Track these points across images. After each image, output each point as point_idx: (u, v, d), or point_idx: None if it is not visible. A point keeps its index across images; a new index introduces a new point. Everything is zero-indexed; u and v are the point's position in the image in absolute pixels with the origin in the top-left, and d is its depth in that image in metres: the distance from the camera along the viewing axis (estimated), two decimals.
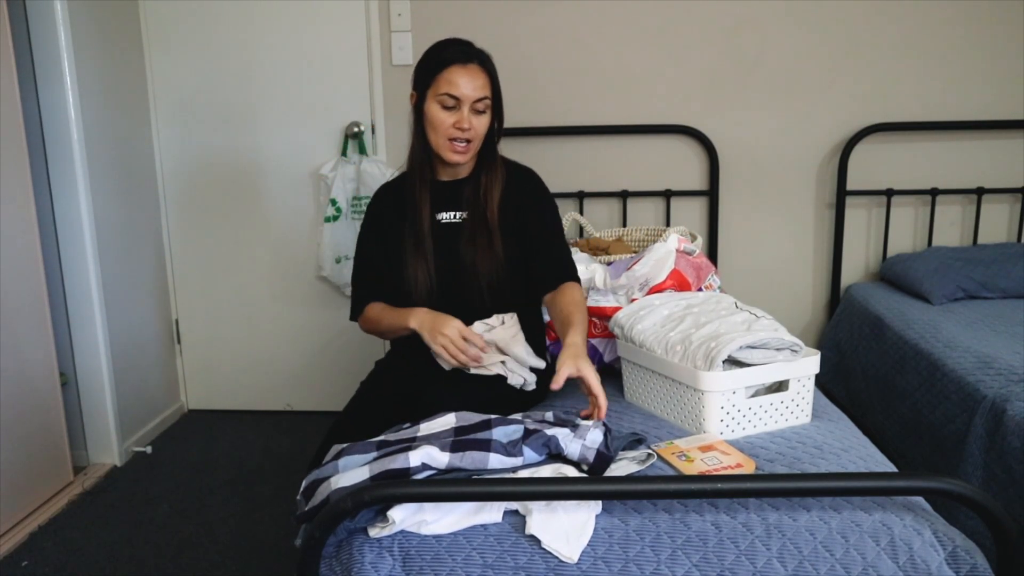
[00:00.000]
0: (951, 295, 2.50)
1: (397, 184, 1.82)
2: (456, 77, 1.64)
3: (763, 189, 2.86)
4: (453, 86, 1.64)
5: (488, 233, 1.71)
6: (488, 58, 1.70)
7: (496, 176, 1.75)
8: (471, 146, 1.69)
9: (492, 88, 1.69)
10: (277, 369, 3.09)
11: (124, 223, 2.74)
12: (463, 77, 1.64)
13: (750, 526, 1.14)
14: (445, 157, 1.70)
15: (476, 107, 1.66)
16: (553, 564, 1.11)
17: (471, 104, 1.65)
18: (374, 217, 1.82)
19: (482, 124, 1.69)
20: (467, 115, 1.65)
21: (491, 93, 1.69)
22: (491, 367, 1.65)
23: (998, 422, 1.77)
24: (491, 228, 1.72)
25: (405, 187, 1.78)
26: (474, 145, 1.70)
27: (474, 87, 1.65)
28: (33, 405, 2.33)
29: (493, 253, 1.71)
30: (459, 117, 1.65)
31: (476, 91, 1.65)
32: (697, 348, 1.48)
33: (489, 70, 1.69)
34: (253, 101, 2.88)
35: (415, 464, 1.15)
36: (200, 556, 2.09)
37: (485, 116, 1.69)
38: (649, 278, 1.88)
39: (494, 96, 1.70)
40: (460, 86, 1.64)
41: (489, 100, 1.68)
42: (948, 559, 1.10)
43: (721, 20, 2.74)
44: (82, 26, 2.49)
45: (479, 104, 1.66)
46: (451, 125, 1.66)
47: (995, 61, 2.72)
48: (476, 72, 1.66)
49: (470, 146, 1.69)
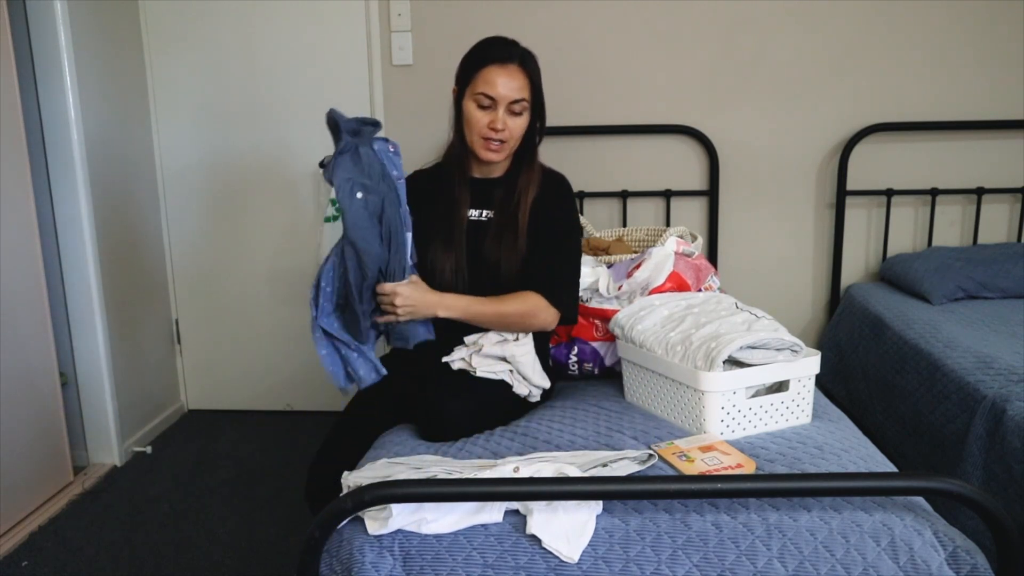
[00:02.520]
0: (951, 295, 2.50)
1: (432, 173, 1.82)
2: (494, 77, 1.64)
3: (763, 189, 2.86)
4: (490, 86, 1.64)
5: (515, 234, 1.70)
6: (531, 59, 1.69)
7: (532, 180, 1.74)
8: (505, 146, 1.68)
9: (532, 90, 1.68)
10: (277, 369, 3.09)
11: (124, 223, 2.74)
12: (501, 77, 1.64)
13: (750, 526, 1.14)
14: (479, 155, 1.70)
15: (512, 108, 1.65)
16: (554, 564, 1.11)
17: (507, 105, 1.65)
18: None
19: (518, 125, 1.67)
20: (502, 116, 1.65)
21: (530, 95, 1.67)
22: (499, 373, 1.66)
23: (998, 422, 1.77)
24: (519, 230, 1.71)
25: (441, 178, 1.78)
26: (509, 146, 1.69)
27: (511, 88, 1.64)
28: (33, 405, 2.33)
29: (516, 254, 1.70)
30: (494, 117, 1.65)
31: (512, 92, 1.64)
32: (697, 348, 1.48)
33: (530, 71, 1.67)
34: (253, 101, 2.88)
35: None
36: (200, 556, 2.09)
37: (522, 118, 1.68)
38: (649, 282, 1.89)
39: (533, 98, 1.69)
40: (497, 86, 1.63)
41: (527, 102, 1.67)
42: (948, 559, 1.10)
43: (721, 20, 2.74)
44: (82, 26, 2.49)
45: (515, 106, 1.65)
46: (486, 125, 1.66)
47: (995, 61, 2.72)
48: (515, 73, 1.65)
49: (504, 146, 1.68)
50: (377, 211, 1.54)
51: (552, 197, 1.76)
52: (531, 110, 1.69)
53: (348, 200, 1.52)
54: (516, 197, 1.73)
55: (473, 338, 1.69)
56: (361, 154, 1.54)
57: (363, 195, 1.52)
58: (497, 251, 1.70)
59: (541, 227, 1.72)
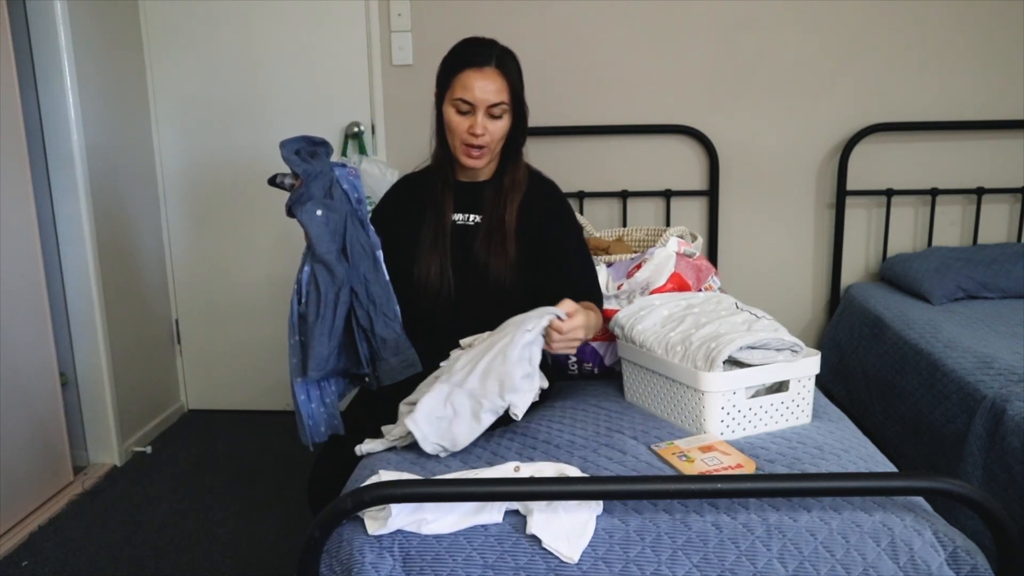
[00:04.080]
0: (951, 295, 2.50)
1: (419, 178, 1.81)
2: (471, 81, 1.60)
3: (763, 189, 2.86)
4: (467, 91, 1.61)
5: (503, 237, 1.69)
6: (509, 59, 1.65)
7: (518, 181, 1.72)
8: (486, 151, 1.66)
9: (511, 92, 1.64)
10: (277, 369, 3.08)
11: (124, 223, 2.74)
12: (478, 81, 1.60)
13: (750, 526, 1.14)
14: (460, 161, 1.68)
15: (491, 112, 1.62)
16: (553, 564, 1.11)
17: (486, 109, 1.61)
18: (391, 203, 1.81)
19: (498, 129, 1.65)
20: (481, 120, 1.61)
21: (509, 97, 1.64)
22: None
23: (998, 422, 1.77)
24: (507, 232, 1.69)
25: (427, 183, 1.77)
26: (489, 149, 1.66)
27: (488, 92, 1.61)
28: (33, 405, 2.33)
29: (506, 256, 1.68)
30: (473, 122, 1.62)
31: (490, 96, 1.61)
32: (697, 348, 1.48)
33: (508, 73, 1.63)
34: (253, 101, 2.88)
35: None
36: (200, 556, 2.09)
37: (502, 121, 1.65)
38: (650, 283, 1.89)
39: (513, 100, 1.65)
40: (474, 91, 1.60)
41: (506, 104, 1.63)
42: (948, 559, 1.10)
43: (721, 20, 2.74)
44: (82, 26, 2.49)
45: (495, 109, 1.62)
46: (465, 130, 1.63)
47: (995, 61, 2.72)
48: (492, 76, 1.61)
49: (485, 151, 1.65)
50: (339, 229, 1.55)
51: (553, 207, 1.75)
52: (512, 112, 1.66)
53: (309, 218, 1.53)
54: (503, 200, 1.71)
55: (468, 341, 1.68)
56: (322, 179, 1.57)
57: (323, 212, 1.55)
58: (486, 254, 1.69)
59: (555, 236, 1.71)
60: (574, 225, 1.78)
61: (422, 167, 1.83)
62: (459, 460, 1.38)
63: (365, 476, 1.30)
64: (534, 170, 1.79)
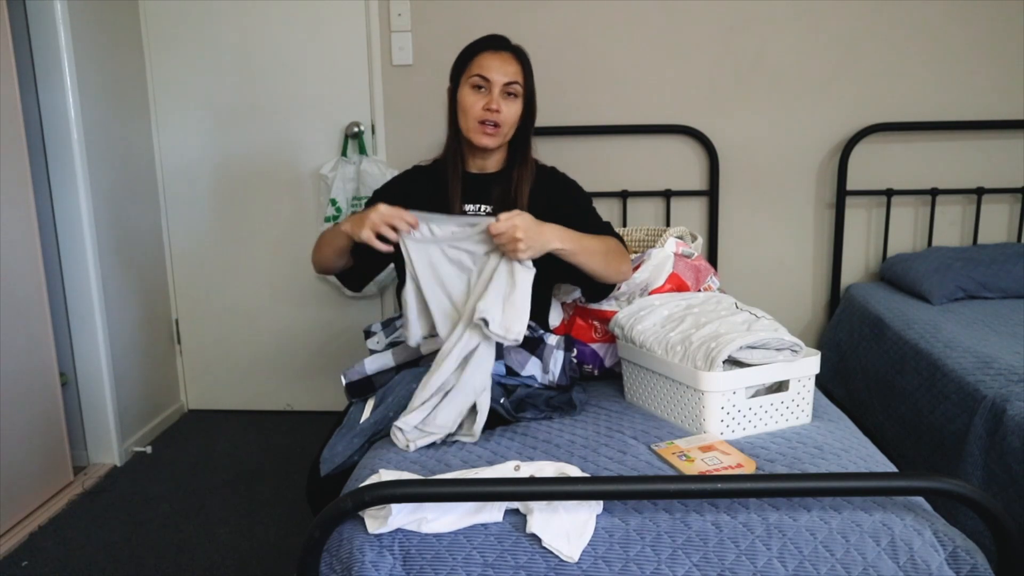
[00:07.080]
0: (951, 295, 2.50)
1: (429, 169, 1.84)
2: (488, 61, 1.70)
3: (763, 189, 2.86)
4: (484, 68, 1.69)
5: None
6: (522, 51, 1.75)
7: (527, 172, 1.77)
8: (500, 131, 1.71)
9: (524, 77, 1.72)
10: (277, 369, 3.09)
11: (124, 223, 2.74)
12: (495, 61, 1.69)
13: (750, 526, 1.14)
14: (475, 140, 1.71)
15: (507, 90, 1.69)
16: (553, 563, 1.11)
17: (501, 87, 1.69)
18: (398, 187, 1.82)
19: (512, 110, 1.71)
20: (496, 97, 1.68)
21: (523, 81, 1.71)
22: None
23: (998, 422, 1.77)
24: None
25: (438, 173, 1.80)
26: (503, 131, 1.71)
27: (505, 72, 1.69)
28: (33, 405, 2.33)
29: None
30: (489, 99, 1.68)
31: (507, 75, 1.69)
32: (697, 348, 1.48)
33: (522, 60, 1.73)
34: (253, 101, 2.88)
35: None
36: (200, 556, 2.09)
37: (516, 103, 1.71)
38: (648, 283, 1.89)
39: (526, 87, 1.73)
40: (492, 69, 1.69)
41: (520, 86, 1.71)
42: (948, 559, 1.10)
43: (721, 20, 2.74)
44: (82, 26, 2.49)
45: (510, 87, 1.69)
46: (481, 107, 1.68)
47: (995, 61, 2.72)
48: (508, 59, 1.71)
49: (499, 130, 1.71)
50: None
51: (558, 187, 1.80)
52: (524, 98, 1.73)
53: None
54: (513, 190, 1.75)
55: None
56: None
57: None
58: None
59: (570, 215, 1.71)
60: (584, 199, 1.83)
61: (432, 160, 1.86)
62: (459, 460, 1.38)
63: (365, 476, 1.30)
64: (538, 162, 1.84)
